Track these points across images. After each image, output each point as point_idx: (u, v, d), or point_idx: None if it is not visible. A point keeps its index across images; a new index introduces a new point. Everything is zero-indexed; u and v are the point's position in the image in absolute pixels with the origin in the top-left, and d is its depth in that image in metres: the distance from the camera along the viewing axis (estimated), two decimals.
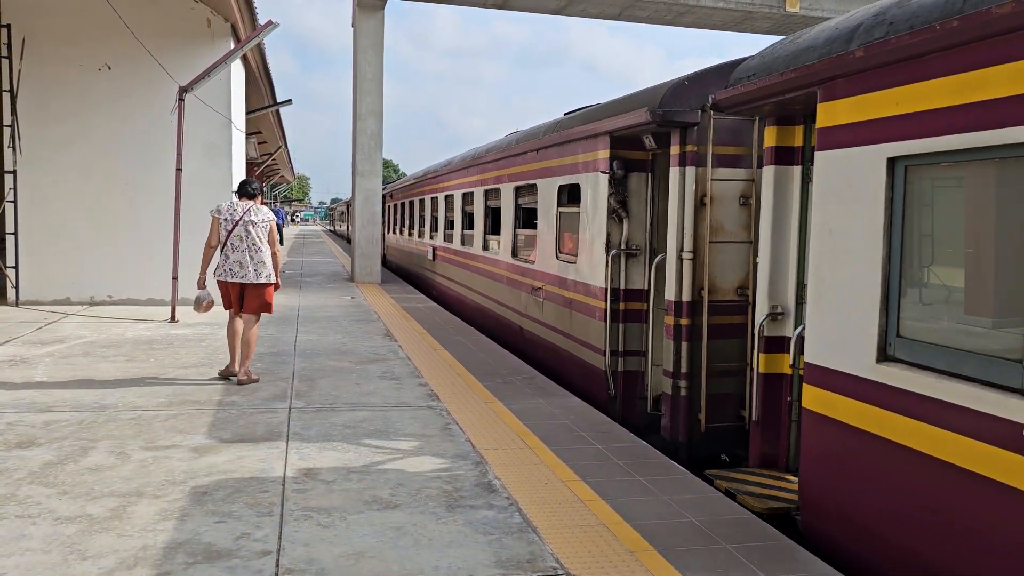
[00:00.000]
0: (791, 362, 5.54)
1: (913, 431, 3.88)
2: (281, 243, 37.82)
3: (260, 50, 15.80)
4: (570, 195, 9.11)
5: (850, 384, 4.34)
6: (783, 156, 5.63)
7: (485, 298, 12.67)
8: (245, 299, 7.63)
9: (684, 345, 6.92)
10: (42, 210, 12.92)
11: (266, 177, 50.66)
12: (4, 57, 12.54)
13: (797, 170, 5.53)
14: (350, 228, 28.29)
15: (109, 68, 12.88)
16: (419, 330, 11.32)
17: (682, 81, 7.16)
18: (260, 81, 17.82)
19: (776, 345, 5.70)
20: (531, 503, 4.65)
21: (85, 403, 6.76)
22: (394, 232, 25.55)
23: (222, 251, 7.58)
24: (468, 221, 14.26)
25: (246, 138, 17.33)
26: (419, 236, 20.14)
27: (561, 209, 9.33)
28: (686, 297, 6.90)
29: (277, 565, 3.77)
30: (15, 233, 12.85)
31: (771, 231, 5.66)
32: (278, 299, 10.27)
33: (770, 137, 5.72)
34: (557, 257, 9.38)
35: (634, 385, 7.89)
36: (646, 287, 7.77)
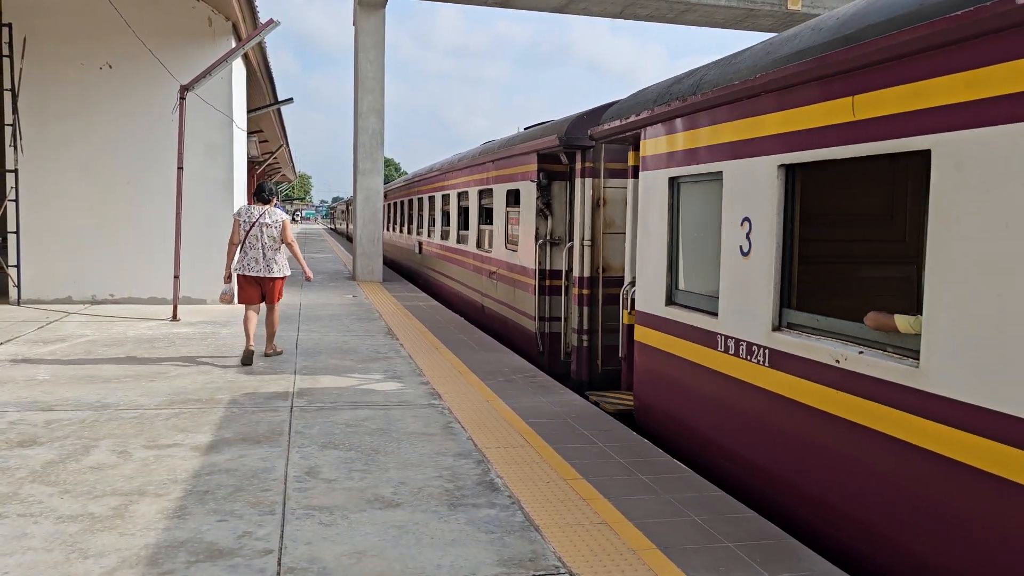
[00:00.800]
0: (628, 310, 7.65)
1: (680, 346, 6.27)
2: None
3: (261, 49, 15.80)
4: (515, 198, 11.18)
5: (654, 321, 6.70)
6: (639, 172, 7.47)
7: (458, 283, 15.04)
8: (266, 290, 8.74)
9: (585, 309, 9.29)
10: (43, 209, 12.93)
11: (267, 176, 50.67)
12: (5, 56, 12.55)
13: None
14: (351, 226, 30.72)
15: (110, 67, 12.88)
16: (421, 328, 11.32)
17: (581, 115, 9.29)
18: (261, 80, 17.82)
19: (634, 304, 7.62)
20: (533, 501, 4.65)
21: (87, 402, 6.76)
22: (387, 229, 27.60)
23: (241, 249, 8.59)
24: (446, 219, 16.57)
25: (247, 137, 17.33)
26: (408, 232, 22.26)
27: (508, 209, 11.53)
28: (587, 274, 9.25)
29: (279, 564, 3.76)
30: (17, 232, 12.87)
31: (632, 225, 7.64)
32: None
33: (631, 159, 7.69)
34: (506, 247, 11.61)
35: (557, 343, 10.02)
36: (564, 268, 9.85)
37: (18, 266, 12.90)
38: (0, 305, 12.78)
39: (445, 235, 16.46)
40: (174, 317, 11.69)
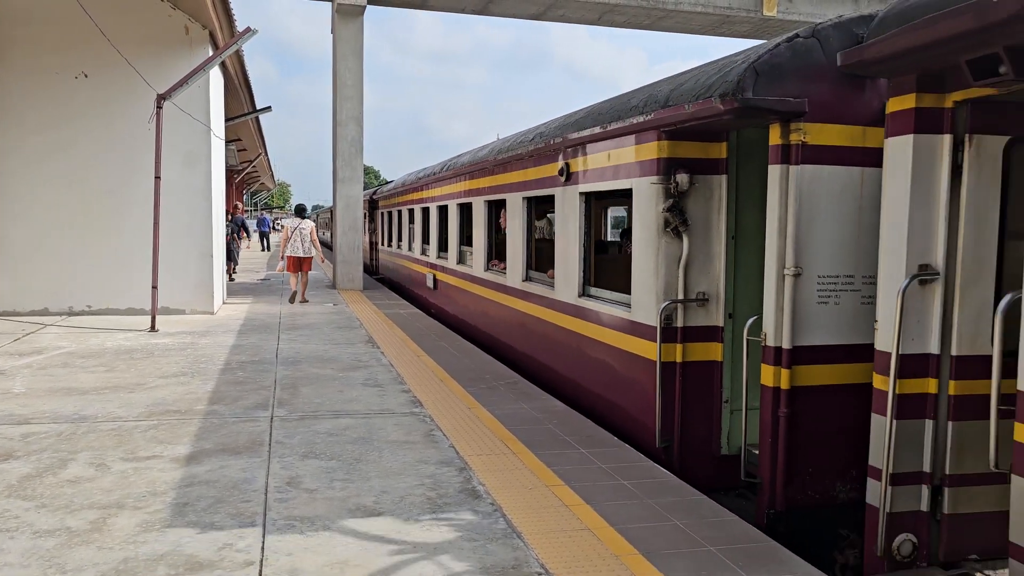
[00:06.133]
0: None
1: (388, 255, 22.39)
2: (268, 248, 38.47)
3: (239, 57, 15.73)
4: (367, 216, 24.54)
5: (384, 250, 23.38)
6: (374, 206, 25.23)
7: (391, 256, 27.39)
8: (301, 264, 15.61)
9: (379, 255, 24.73)
10: (20, 220, 12.77)
11: (246, 185, 50.37)
12: None
13: (379, 213, 24.31)
14: (324, 234, 41.24)
15: (86, 76, 12.77)
16: (402, 336, 11.30)
17: (376, 189, 26.81)
18: (239, 88, 17.74)
19: (376, 250, 25.35)
20: (515, 508, 4.65)
21: (64, 414, 6.69)
22: (323, 232, 44.35)
23: (288, 242, 15.51)
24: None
25: (226, 145, 17.23)
26: (326, 233, 38.45)
27: (367, 221, 24.94)
28: (376, 241, 25.41)
29: (260, 575, 3.74)
30: None
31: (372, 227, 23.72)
32: (260, 307, 15.01)
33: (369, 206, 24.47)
34: (370, 235, 25.72)
35: (372, 266, 24.67)
36: (376, 242, 25.19)
37: None
38: None
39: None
40: (152, 328, 11.59)
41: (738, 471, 5.72)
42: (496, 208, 10.87)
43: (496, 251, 11.13)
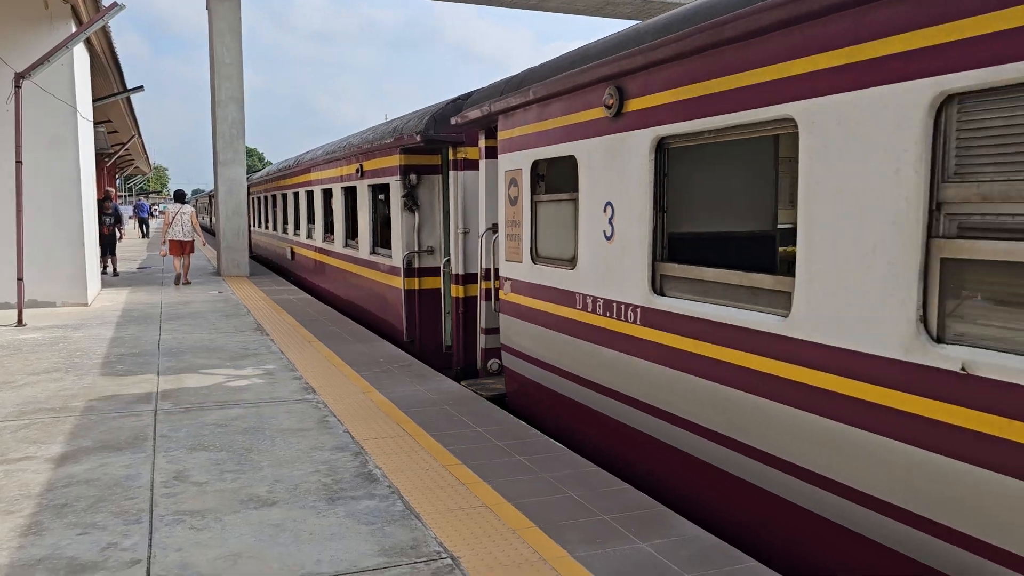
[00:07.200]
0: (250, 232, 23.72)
1: (261, 236, 24.50)
2: (148, 235, 37.00)
3: (105, 33, 14.84)
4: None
5: (255, 232, 25.25)
6: (246, 192, 20.27)
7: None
8: (184, 247, 16.17)
9: (252, 235, 23.78)
10: None
11: (119, 169, 47.89)
12: None
13: (250, 198, 24.50)
14: (213, 220, 38.94)
15: None
16: (292, 323, 11.04)
17: (256, 173, 27.72)
18: (107, 66, 16.77)
19: (249, 230, 22.47)
20: (413, 490, 4.64)
21: None
22: (204, 217, 48.00)
23: (170, 227, 16.03)
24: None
25: (95, 127, 16.31)
26: (210, 218, 38.26)
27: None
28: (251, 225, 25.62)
29: (148, 573, 3.60)
30: None
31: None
32: (139, 297, 14.31)
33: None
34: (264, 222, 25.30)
35: (251, 248, 20.78)
36: (249, 224, 21.92)
37: None
38: None
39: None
40: (19, 322, 10.91)
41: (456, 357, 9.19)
42: (328, 195, 14.48)
43: (329, 227, 14.65)
